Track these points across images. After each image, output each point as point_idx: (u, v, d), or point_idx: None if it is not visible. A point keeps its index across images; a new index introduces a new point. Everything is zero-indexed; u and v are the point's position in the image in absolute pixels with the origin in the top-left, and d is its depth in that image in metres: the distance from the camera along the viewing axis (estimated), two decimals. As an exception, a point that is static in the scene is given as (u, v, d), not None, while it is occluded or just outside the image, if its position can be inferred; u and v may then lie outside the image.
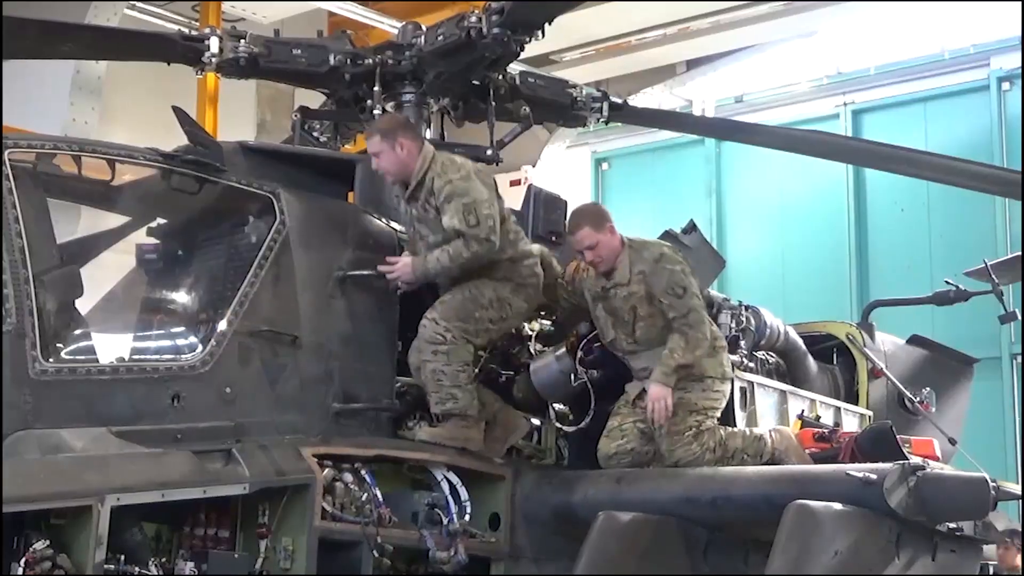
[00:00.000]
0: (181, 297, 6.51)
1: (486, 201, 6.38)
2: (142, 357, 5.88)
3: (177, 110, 6.19)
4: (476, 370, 6.59)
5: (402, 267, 6.43)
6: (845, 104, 16.56)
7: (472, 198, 6.35)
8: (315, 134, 7.96)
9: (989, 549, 6.77)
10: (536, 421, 7.05)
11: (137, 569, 5.23)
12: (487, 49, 6.83)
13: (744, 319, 8.04)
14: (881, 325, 9.54)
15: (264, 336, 5.95)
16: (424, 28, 7.16)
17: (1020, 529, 6.25)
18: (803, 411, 7.95)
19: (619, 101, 8.12)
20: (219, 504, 5.67)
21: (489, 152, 7.37)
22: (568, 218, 6.84)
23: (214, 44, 6.90)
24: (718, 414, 6.82)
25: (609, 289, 6.74)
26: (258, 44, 7.01)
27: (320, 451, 5.93)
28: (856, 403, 8.76)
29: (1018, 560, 7.17)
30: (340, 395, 6.19)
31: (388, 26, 13.11)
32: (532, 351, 7.15)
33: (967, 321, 12.43)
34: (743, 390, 7.38)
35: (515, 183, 14.40)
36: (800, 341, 8.56)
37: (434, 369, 6.36)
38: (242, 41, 6.96)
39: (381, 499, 6.01)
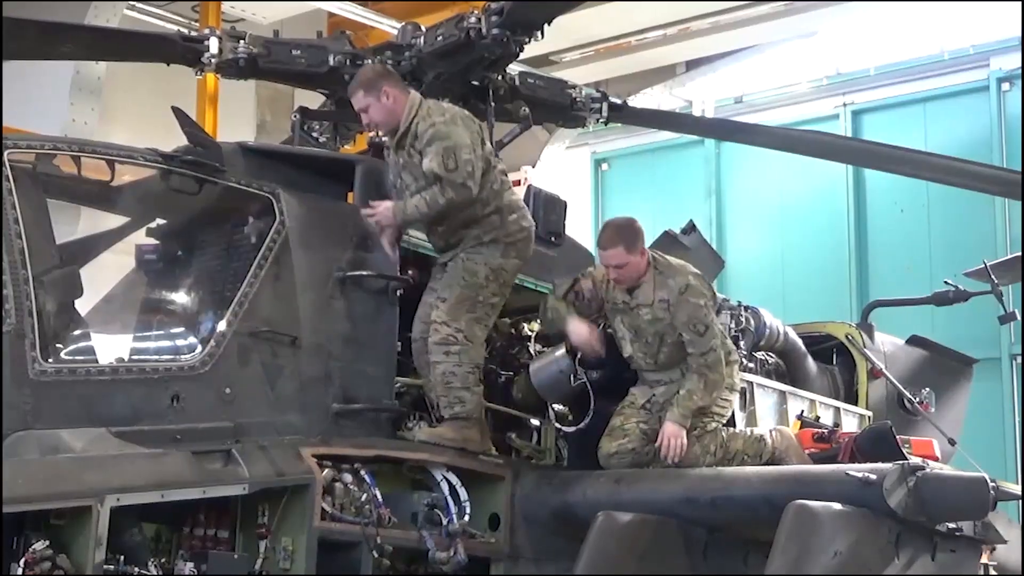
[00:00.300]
0: (180, 298, 6.51)
1: (467, 146, 6.33)
2: (142, 358, 5.89)
3: (177, 110, 6.19)
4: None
5: (383, 211, 6.38)
6: (845, 104, 16.51)
7: (453, 142, 6.30)
8: (315, 134, 7.95)
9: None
10: (536, 421, 7.06)
11: (137, 569, 5.23)
12: (486, 50, 6.84)
13: (744, 319, 8.05)
14: (881, 325, 9.54)
15: (264, 337, 5.95)
16: (423, 29, 7.15)
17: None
18: (803, 411, 7.96)
19: (619, 101, 8.10)
20: (219, 504, 5.67)
21: (489, 152, 7.37)
22: (601, 229, 6.78)
23: (213, 45, 6.91)
24: (724, 420, 6.83)
25: (633, 308, 6.72)
26: (258, 45, 7.01)
27: (320, 451, 5.92)
28: (856, 403, 8.77)
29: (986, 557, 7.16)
30: (340, 396, 6.18)
31: (388, 26, 13.07)
32: (532, 351, 7.16)
33: (967, 321, 12.43)
34: (743, 390, 7.39)
35: (515, 183, 14.34)
36: (800, 341, 8.56)
37: (444, 371, 6.35)
38: (241, 42, 6.97)
39: (381, 499, 6.00)
